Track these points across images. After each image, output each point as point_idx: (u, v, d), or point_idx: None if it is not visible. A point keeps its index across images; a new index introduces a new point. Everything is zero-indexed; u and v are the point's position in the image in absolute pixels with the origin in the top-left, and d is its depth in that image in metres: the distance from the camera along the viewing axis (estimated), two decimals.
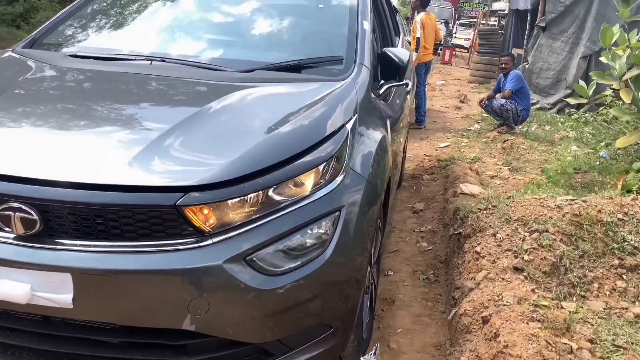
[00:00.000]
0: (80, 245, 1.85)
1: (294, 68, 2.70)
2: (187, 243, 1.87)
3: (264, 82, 2.55)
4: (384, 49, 3.13)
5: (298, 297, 2.00)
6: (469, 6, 33.95)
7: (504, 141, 7.15)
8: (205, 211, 1.87)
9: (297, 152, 2.05)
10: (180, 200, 1.82)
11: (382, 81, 3.11)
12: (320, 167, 2.10)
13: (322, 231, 2.05)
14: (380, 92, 3.03)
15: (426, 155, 6.91)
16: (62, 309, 1.87)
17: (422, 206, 4.94)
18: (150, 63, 2.64)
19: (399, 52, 3.13)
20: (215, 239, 1.88)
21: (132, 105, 2.28)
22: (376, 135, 2.62)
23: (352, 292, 2.24)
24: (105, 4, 3.29)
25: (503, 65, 8.04)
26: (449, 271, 3.39)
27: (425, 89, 8.97)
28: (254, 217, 1.94)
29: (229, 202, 1.90)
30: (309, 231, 2.02)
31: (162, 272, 1.83)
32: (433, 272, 3.59)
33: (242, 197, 1.91)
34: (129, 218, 1.83)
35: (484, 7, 30.54)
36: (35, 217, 1.82)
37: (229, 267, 1.86)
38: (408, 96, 4.22)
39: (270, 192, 1.97)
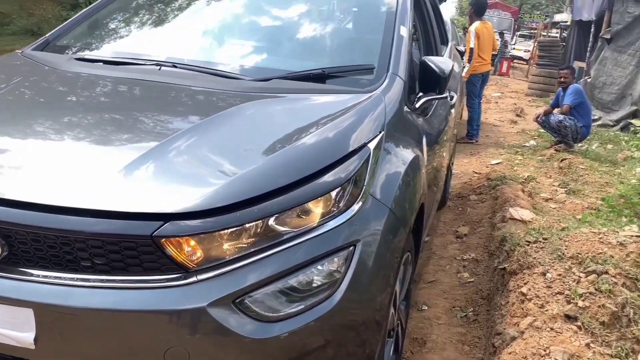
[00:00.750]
0: (45, 277, 1.59)
1: (318, 78, 2.39)
2: (166, 280, 1.58)
3: (279, 92, 2.24)
4: (424, 58, 2.78)
5: (301, 347, 1.69)
6: (530, 17, 32.97)
7: (562, 160, 6.62)
8: (190, 243, 1.58)
9: (306, 175, 1.74)
10: (157, 230, 1.54)
11: (421, 94, 2.77)
12: (333, 193, 1.78)
13: (333, 269, 1.74)
14: (417, 105, 2.68)
15: (475, 173, 6.48)
16: (24, 350, 1.62)
17: (466, 230, 4.53)
18: (159, 69, 2.38)
19: (441, 61, 2.77)
20: (201, 277, 1.59)
21: (122, 117, 2.02)
22: (406, 155, 2.28)
23: (370, 337, 1.91)
24: (122, 7, 3.07)
25: (562, 79, 7.50)
26: (491, 311, 2.99)
27: (481, 102, 8.48)
28: (249, 251, 1.64)
29: (219, 233, 1.60)
30: (316, 269, 1.71)
31: (135, 313, 1.55)
32: (473, 309, 3.19)
33: (235, 228, 1.62)
34: (99, 248, 1.56)
35: (545, 19, 29.57)
36: None
37: (214, 311, 1.56)
38: (453, 110, 3.84)
39: (271, 222, 1.67)
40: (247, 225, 1.63)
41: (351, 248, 1.79)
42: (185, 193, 1.63)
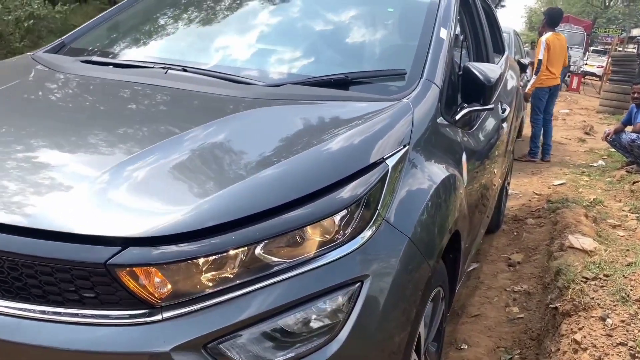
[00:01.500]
0: None
1: (340, 84, 2.11)
2: (126, 317, 1.33)
3: (290, 99, 1.97)
4: (467, 64, 2.44)
5: None
6: (605, 31, 31.52)
7: (633, 183, 6.02)
8: (154, 273, 1.32)
9: (303, 195, 1.46)
10: (112, 258, 1.28)
11: (463, 105, 2.43)
12: (337, 218, 1.49)
13: (332, 309, 1.44)
14: (457, 117, 2.35)
15: (536, 194, 5.99)
16: None
17: (520, 258, 4.10)
18: (166, 72, 2.16)
19: (487, 68, 2.43)
20: (167, 314, 1.33)
21: (105, 124, 1.78)
22: (438, 173, 1.95)
23: None
24: (141, 12, 2.89)
25: (635, 95, 6.89)
26: (540, 357, 2.59)
27: (550, 119, 7.86)
28: (229, 285, 1.37)
29: (190, 263, 1.34)
30: (312, 309, 1.42)
31: (86, 355, 1.30)
32: (520, 351, 2.79)
33: (210, 257, 1.35)
34: (48, 276, 1.32)
35: (621, 33, 28.17)
36: None
37: (180, 356, 1.29)
38: (505, 124, 3.45)
39: (258, 251, 1.39)
40: (225, 253, 1.36)
41: (357, 285, 1.48)
42: (153, 213, 1.37)
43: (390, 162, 1.69)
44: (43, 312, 1.33)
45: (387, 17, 2.67)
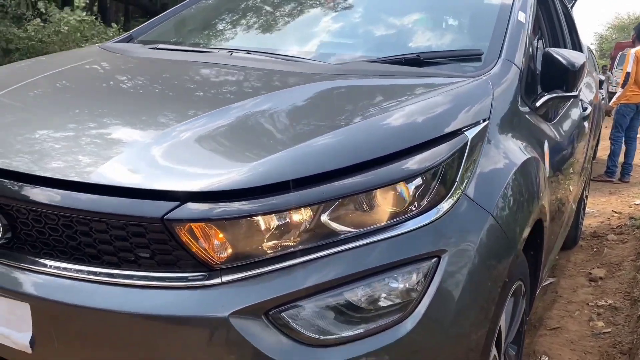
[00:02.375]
0: (46, 266, 1.31)
1: (412, 64, 1.99)
2: (183, 279, 1.24)
3: (360, 74, 1.87)
4: (548, 49, 2.28)
5: None
6: None
7: None
8: (216, 235, 1.23)
9: (374, 157, 1.34)
10: (170, 212, 1.20)
11: (544, 93, 2.26)
12: (412, 187, 1.36)
13: (406, 286, 1.30)
14: (539, 104, 2.18)
15: (615, 212, 5.61)
16: (22, 354, 1.34)
17: (602, 273, 3.80)
18: (231, 54, 2.12)
19: (570, 53, 2.26)
20: (226, 278, 1.23)
21: (170, 94, 1.75)
22: (519, 154, 1.79)
23: None
24: (208, 7, 2.89)
25: None
26: None
27: (635, 137, 7.33)
28: (293, 250, 1.26)
29: (252, 223, 1.24)
30: (384, 282, 1.29)
31: (140, 318, 1.22)
32: None
33: (275, 217, 1.25)
34: (104, 233, 1.26)
35: None
36: None
37: (239, 324, 1.19)
38: (586, 123, 3.22)
39: (324, 218, 1.28)
40: (288, 214, 1.25)
41: (434, 260, 1.34)
42: (213, 170, 1.29)
43: (470, 134, 1.55)
44: (97, 274, 1.27)
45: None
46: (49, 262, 1.32)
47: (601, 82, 6.48)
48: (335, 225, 1.29)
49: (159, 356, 1.22)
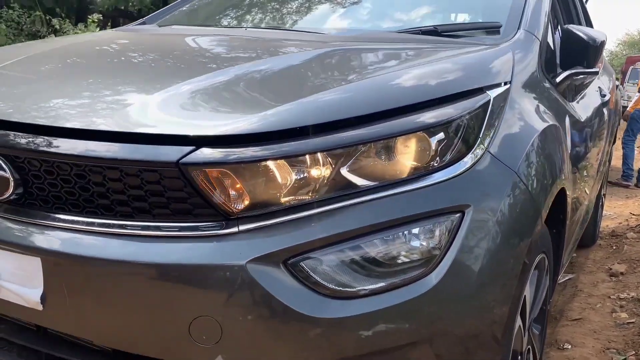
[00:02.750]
0: (58, 220, 1.28)
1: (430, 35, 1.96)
2: (199, 228, 1.20)
3: (377, 41, 1.84)
4: (568, 26, 2.25)
5: (377, 342, 1.20)
6: None
7: None
8: (230, 182, 1.19)
9: (391, 107, 1.30)
10: (186, 156, 1.16)
11: (563, 71, 2.22)
12: (433, 140, 1.31)
13: (429, 240, 1.26)
14: (559, 80, 2.13)
15: (633, 215, 5.51)
16: (32, 312, 1.30)
17: (623, 269, 3.70)
18: (245, 29, 2.10)
19: (590, 30, 2.23)
20: (244, 227, 1.19)
21: (183, 57, 1.73)
22: (541, 120, 1.74)
23: (484, 356, 1.37)
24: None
25: None
26: None
27: None
28: (310, 200, 1.22)
29: (270, 170, 1.20)
30: (404, 237, 1.24)
31: (155, 268, 1.18)
32: (635, 352, 2.45)
33: (292, 161, 1.20)
34: (117, 182, 1.22)
35: None
36: (8, 173, 1.29)
37: (257, 272, 1.15)
38: (605, 110, 3.17)
39: (343, 170, 1.23)
40: (308, 164, 1.21)
41: (458, 215, 1.29)
42: (229, 116, 1.26)
43: (492, 94, 1.51)
44: (111, 226, 1.24)
45: None
46: (61, 216, 1.28)
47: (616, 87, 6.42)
48: (354, 178, 1.25)
49: (174, 306, 1.17)
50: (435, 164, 1.32)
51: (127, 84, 1.49)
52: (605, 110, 3.15)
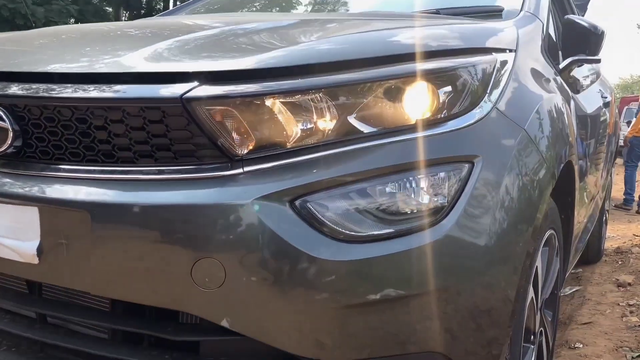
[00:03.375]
0: (57, 169, 1.24)
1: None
2: (202, 170, 1.16)
3: (381, 16, 1.84)
4: (569, 16, 2.26)
5: (381, 290, 1.15)
6: None
7: None
8: (234, 122, 1.16)
9: (397, 53, 1.28)
10: (190, 92, 1.13)
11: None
12: (441, 92, 1.29)
13: (438, 188, 1.21)
14: (562, 66, 2.13)
15: (636, 235, 5.46)
16: (27, 267, 1.25)
17: (630, 279, 3.63)
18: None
19: (590, 19, 2.24)
20: (249, 168, 1.15)
21: (189, 27, 1.72)
22: (546, 92, 1.72)
23: (494, 323, 1.31)
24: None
25: None
26: None
27: None
28: (316, 142, 1.18)
29: (272, 106, 1.16)
30: (411, 183, 1.19)
31: (156, 210, 1.13)
32: None
33: (295, 96, 1.17)
34: (120, 123, 1.19)
35: None
36: (7, 123, 1.26)
37: (261, 210, 1.10)
38: (607, 111, 3.16)
39: (351, 117, 1.20)
40: (313, 105, 1.18)
41: (467, 165, 1.25)
42: (231, 54, 1.24)
43: (498, 57, 1.49)
44: (113, 172, 1.20)
45: None
46: (60, 166, 1.25)
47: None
48: (360, 124, 1.21)
49: (176, 249, 1.12)
50: (444, 115, 1.29)
51: (130, 42, 1.47)
52: (607, 112, 3.14)
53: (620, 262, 4.23)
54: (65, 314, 1.29)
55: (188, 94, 1.12)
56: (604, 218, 4.33)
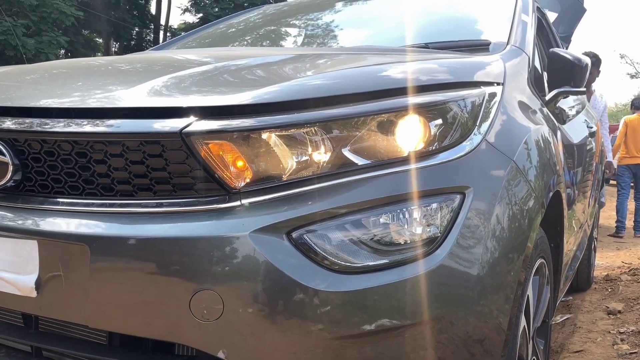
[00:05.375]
0: (57, 203, 1.26)
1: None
2: (201, 202, 1.18)
3: (372, 51, 1.88)
4: (553, 49, 2.32)
5: (375, 321, 1.16)
6: None
7: None
8: (232, 157, 1.19)
9: (391, 87, 1.32)
10: (189, 126, 1.16)
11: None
12: (432, 125, 1.33)
13: (430, 219, 1.24)
14: (548, 98, 2.18)
15: (624, 263, 5.49)
16: (25, 300, 1.26)
17: (620, 307, 3.65)
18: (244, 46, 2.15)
19: (574, 52, 2.30)
20: (246, 201, 1.17)
21: (181, 62, 1.75)
22: (534, 122, 1.77)
23: (487, 352, 1.34)
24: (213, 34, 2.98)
25: None
26: None
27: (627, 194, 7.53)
28: (311, 175, 1.21)
29: (269, 140, 1.19)
30: (403, 214, 1.22)
31: (155, 243, 1.15)
32: None
33: (293, 132, 1.20)
34: (119, 157, 1.21)
35: None
36: (7, 158, 1.28)
37: (259, 242, 1.12)
38: (593, 141, 3.22)
39: (345, 150, 1.24)
40: (308, 138, 1.21)
41: (458, 196, 1.29)
42: (230, 90, 1.28)
43: (488, 91, 1.53)
44: (111, 205, 1.22)
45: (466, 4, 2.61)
46: (59, 199, 1.26)
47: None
48: (354, 156, 1.24)
49: (175, 281, 1.13)
50: (435, 148, 1.32)
51: (126, 77, 1.50)
52: (593, 142, 3.21)
53: (610, 290, 4.26)
54: (61, 347, 1.28)
55: (187, 129, 1.15)
56: (593, 245, 4.37)
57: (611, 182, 10.00)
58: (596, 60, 6.03)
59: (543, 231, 1.73)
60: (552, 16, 4.35)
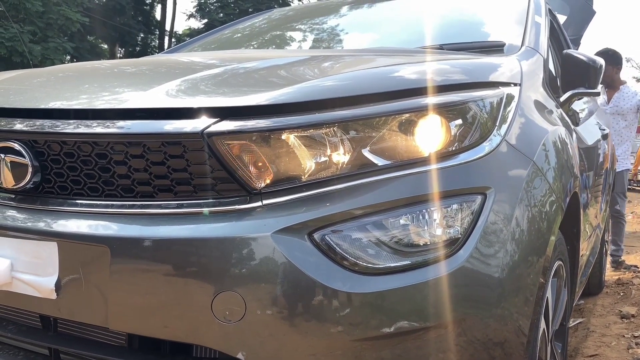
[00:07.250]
0: (77, 204, 1.25)
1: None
2: (222, 203, 1.18)
3: (388, 52, 1.88)
4: (567, 51, 2.31)
5: (397, 323, 1.15)
6: None
7: None
8: (253, 157, 1.18)
9: (409, 87, 1.31)
10: (211, 126, 1.15)
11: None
12: (452, 125, 1.31)
13: (451, 220, 1.23)
14: (562, 99, 2.17)
15: (636, 266, 5.45)
16: (45, 302, 1.25)
17: (634, 311, 3.62)
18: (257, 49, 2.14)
19: (588, 53, 2.29)
20: (268, 201, 1.16)
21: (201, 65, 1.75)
22: (551, 123, 1.75)
23: (507, 355, 1.32)
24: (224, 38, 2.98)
25: None
26: None
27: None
28: (332, 175, 1.20)
29: (290, 138, 1.18)
30: (425, 215, 1.21)
31: (176, 244, 1.14)
32: None
33: (314, 133, 1.19)
34: (140, 158, 1.20)
35: None
36: (27, 159, 1.27)
37: (281, 243, 1.11)
38: (605, 143, 3.20)
39: (365, 150, 1.23)
40: (329, 139, 1.20)
41: (479, 197, 1.27)
42: (252, 90, 1.26)
43: (506, 91, 1.52)
44: (131, 206, 1.22)
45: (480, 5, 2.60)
46: (79, 201, 1.26)
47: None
48: (374, 157, 1.23)
49: (196, 283, 1.12)
50: (455, 148, 1.31)
51: (146, 78, 1.50)
52: (605, 144, 3.19)
53: (622, 294, 4.22)
54: (80, 349, 1.27)
55: (209, 129, 1.15)
56: (604, 249, 4.35)
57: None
58: (616, 57, 5.32)
59: (561, 233, 1.72)
60: (561, 19, 4.33)
